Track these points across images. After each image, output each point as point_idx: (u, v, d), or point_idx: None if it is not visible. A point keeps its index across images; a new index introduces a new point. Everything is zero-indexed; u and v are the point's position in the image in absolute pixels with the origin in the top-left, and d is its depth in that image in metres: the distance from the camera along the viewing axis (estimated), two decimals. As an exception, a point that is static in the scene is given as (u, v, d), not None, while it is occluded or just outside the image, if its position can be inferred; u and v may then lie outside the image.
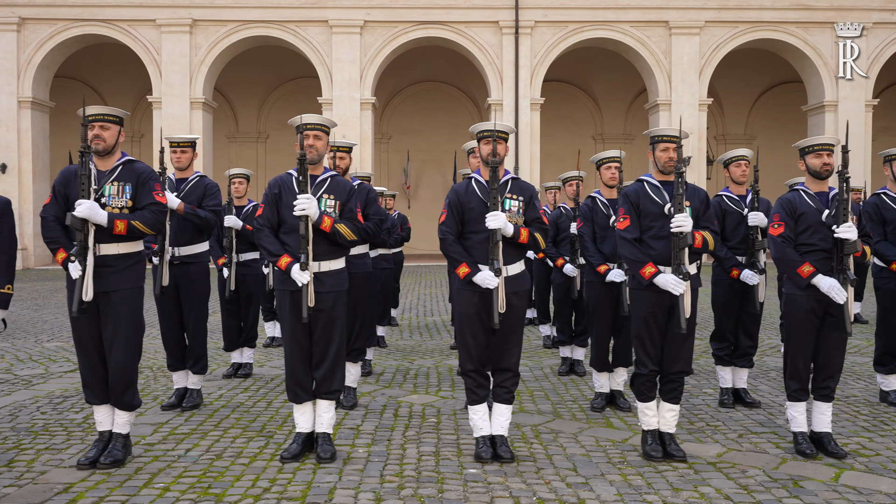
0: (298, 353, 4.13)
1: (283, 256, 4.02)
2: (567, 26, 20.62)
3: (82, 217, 3.80)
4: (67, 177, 4.07)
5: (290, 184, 4.16)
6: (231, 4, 20.10)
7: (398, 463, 4.08)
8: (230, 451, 4.30)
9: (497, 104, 20.72)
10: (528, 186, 4.26)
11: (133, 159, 4.18)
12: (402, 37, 20.60)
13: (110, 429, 4.13)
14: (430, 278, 17.09)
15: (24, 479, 3.83)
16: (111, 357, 4.01)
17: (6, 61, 19.85)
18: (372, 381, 6.26)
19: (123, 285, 4.00)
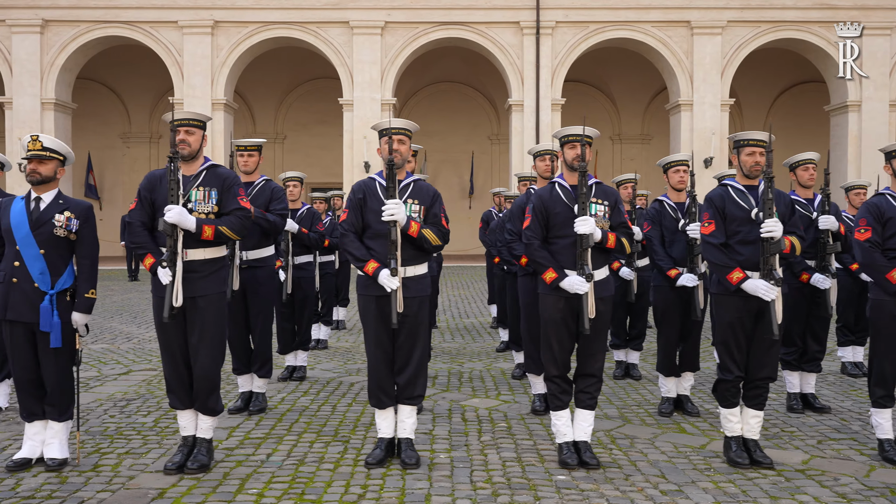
0: (383, 359, 4.12)
1: (370, 262, 4.01)
2: (588, 26, 20.57)
3: (172, 223, 3.80)
4: (152, 181, 4.06)
5: (375, 189, 4.15)
6: (252, 6, 20.13)
7: (484, 469, 4.07)
8: (311, 456, 4.29)
9: (517, 105, 20.70)
10: (612, 191, 4.24)
11: (216, 164, 4.18)
12: (422, 37, 20.59)
13: (194, 433, 4.12)
14: (457, 279, 17.07)
15: (114, 484, 3.83)
16: (196, 362, 4.00)
17: (29, 63, 19.92)
18: (428, 384, 6.24)
19: (209, 290, 4.00)
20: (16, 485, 3.81)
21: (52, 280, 4.01)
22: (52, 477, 3.93)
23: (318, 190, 27.53)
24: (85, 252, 4.12)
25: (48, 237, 4.00)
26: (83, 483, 3.85)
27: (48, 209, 4.05)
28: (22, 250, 3.98)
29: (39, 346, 4.04)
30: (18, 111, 20.05)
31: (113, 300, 12.98)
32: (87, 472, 4.01)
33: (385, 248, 4.02)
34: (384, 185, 4.13)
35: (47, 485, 3.82)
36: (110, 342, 8.50)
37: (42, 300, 3.97)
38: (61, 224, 4.02)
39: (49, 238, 4.00)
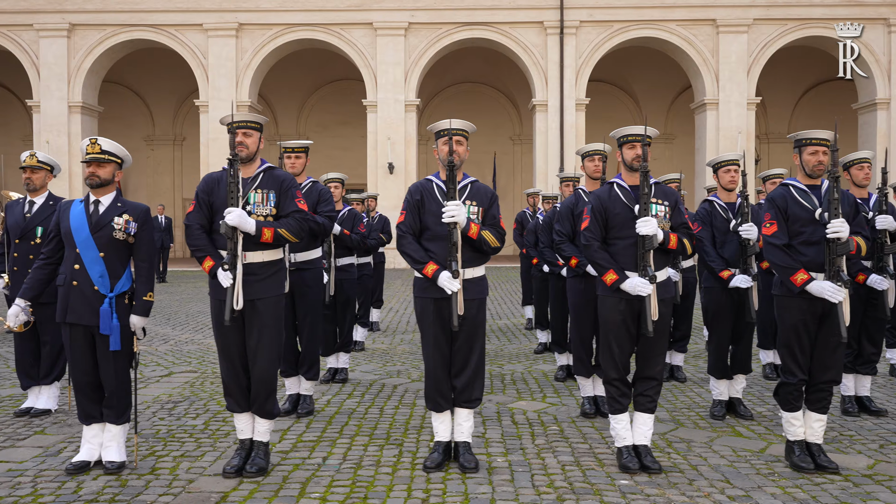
0: (440, 362, 4.09)
1: (429, 264, 3.97)
2: (612, 26, 20.47)
3: (233, 225, 3.79)
4: (210, 184, 4.06)
5: (432, 190, 4.12)
6: (276, 8, 20.22)
7: (543, 473, 4.02)
8: (367, 459, 4.27)
9: (541, 105, 20.63)
10: (672, 191, 4.18)
11: (272, 166, 4.17)
12: (445, 38, 20.59)
13: (251, 436, 4.11)
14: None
15: (174, 488, 3.82)
16: (255, 365, 3.99)
17: (57, 66, 20.14)
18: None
19: (268, 293, 3.99)
20: (77, 488, 3.82)
21: (112, 283, 4.02)
22: (112, 480, 3.93)
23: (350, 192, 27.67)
24: (143, 255, 4.13)
25: (108, 240, 4.01)
26: (143, 486, 3.85)
27: (107, 212, 4.06)
28: (82, 253, 3.99)
29: (98, 349, 4.05)
30: (46, 114, 20.28)
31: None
32: (146, 475, 4.01)
33: (443, 250, 3.99)
34: (441, 186, 4.10)
35: (108, 488, 3.82)
36: (147, 344, 8.54)
37: (102, 303, 3.98)
38: (120, 227, 4.03)
39: (108, 241, 4.01)
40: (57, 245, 4.12)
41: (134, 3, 20.07)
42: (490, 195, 4.18)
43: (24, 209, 5.36)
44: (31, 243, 5.30)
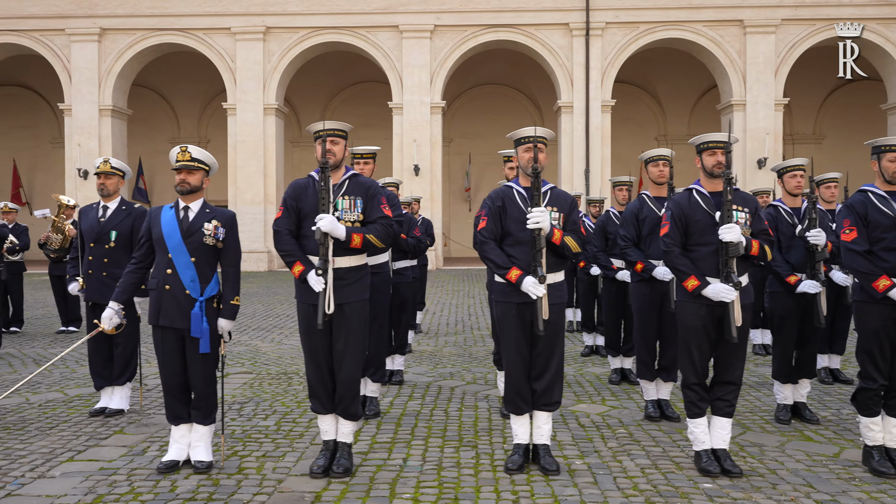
0: (521, 366, 4.15)
1: (513, 269, 4.04)
2: (638, 27, 20.46)
3: (325, 231, 3.88)
4: (297, 191, 4.14)
5: (513, 196, 4.19)
6: (303, 11, 20.37)
7: (624, 476, 4.08)
8: (447, 461, 4.34)
9: (567, 107, 20.65)
10: (751, 197, 4.22)
11: (357, 173, 4.25)
12: (471, 40, 20.65)
13: (334, 438, 4.20)
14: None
15: (265, 487, 3.91)
16: (342, 368, 4.07)
17: (88, 71, 20.38)
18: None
19: (355, 297, 4.07)
20: (172, 486, 3.92)
21: (202, 287, 4.12)
22: (204, 479, 4.02)
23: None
24: (230, 260, 4.23)
25: (198, 245, 4.11)
26: (235, 486, 3.94)
27: (197, 218, 4.16)
28: (174, 258, 4.09)
29: (188, 352, 4.15)
30: (77, 117, 20.52)
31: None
32: (235, 475, 4.10)
33: (526, 255, 4.05)
34: (522, 192, 4.17)
35: (202, 487, 3.91)
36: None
37: (192, 307, 4.08)
38: (210, 233, 4.13)
39: (199, 246, 4.11)
40: (148, 250, 4.23)
41: (163, 7, 20.28)
42: (570, 201, 4.24)
43: (98, 214, 5.49)
44: (105, 247, 5.42)
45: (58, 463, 4.31)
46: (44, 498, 3.78)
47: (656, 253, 5.26)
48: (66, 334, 9.56)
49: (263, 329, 9.90)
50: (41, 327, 10.26)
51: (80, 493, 3.82)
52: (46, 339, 9.18)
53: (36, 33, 20.50)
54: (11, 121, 26.08)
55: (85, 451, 4.55)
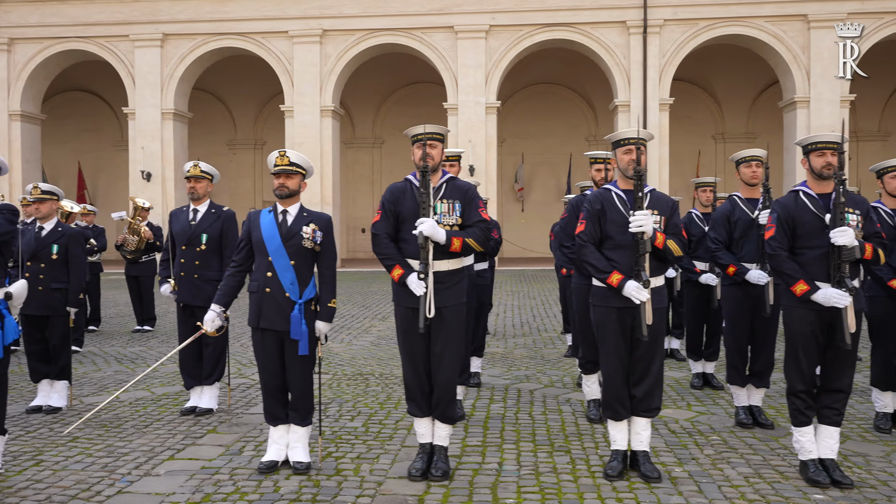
0: (621, 370, 4.09)
1: (614, 273, 3.98)
2: (697, 24, 20.07)
3: (427, 235, 3.88)
4: (395, 194, 4.16)
5: (612, 199, 4.13)
6: (359, 14, 20.55)
7: (729, 485, 3.98)
8: (542, 466, 4.30)
9: (624, 106, 20.38)
10: (862, 199, 4.08)
11: (453, 176, 4.24)
12: (526, 40, 20.55)
13: (431, 441, 4.20)
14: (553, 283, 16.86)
15: (366, 489, 3.93)
16: (439, 372, 4.07)
17: (151, 75, 20.92)
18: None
19: (453, 301, 4.07)
20: (276, 487, 3.97)
21: (300, 290, 4.17)
22: (305, 480, 4.07)
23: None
24: (327, 263, 4.27)
25: (297, 249, 4.16)
26: (336, 487, 3.98)
27: (296, 222, 4.21)
28: (274, 262, 4.15)
29: (287, 354, 4.20)
30: (140, 121, 21.09)
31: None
32: (334, 476, 4.14)
33: (626, 259, 3.99)
34: (622, 195, 4.11)
35: (305, 488, 3.96)
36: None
37: (292, 309, 4.13)
38: (308, 236, 4.17)
39: (298, 249, 4.16)
40: (247, 254, 4.30)
41: (223, 12, 20.69)
42: (671, 204, 4.16)
43: (189, 217, 5.61)
44: (196, 250, 5.53)
45: (160, 461, 4.42)
46: (153, 496, 3.87)
47: (749, 256, 5.14)
48: (141, 333, 9.83)
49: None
50: (116, 326, 10.56)
51: (187, 492, 3.90)
52: (123, 338, 9.44)
53: (101, 39, 21.14)
54: (76, 124, 26.97)
55: (183, 449, 4.65)
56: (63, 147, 26.58)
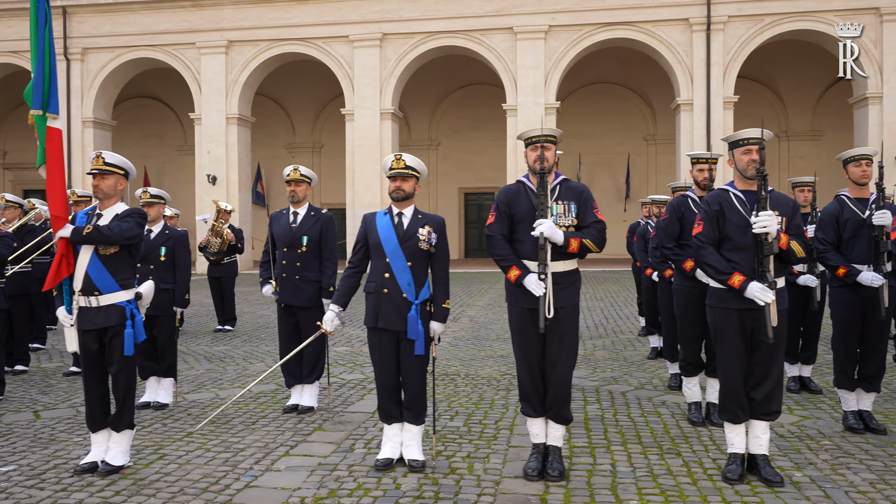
0: (740, 373, 4.05)
1: (735, 274, 3.94)
2: (762, 20, 19.65)
3: (547, 235, 3.91)
4: (509, 196, 4.20)
5: (731, 200, 4.09)
6: (418, 17, 20.71)
7: (855, 491, 3.89)
8: (657, 468, 4.28)
9: (686, 104, 20.08)
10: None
11: (566, 178, 4.26)
12: (586, 39, 20.42)
13: (544, 441, 4.22)
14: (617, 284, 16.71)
15: (485, 488, 3.98)
16: (555, 372, 4.10)
17: (216, 81, 21.46)
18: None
19: (569, 302, 4.09)
20: (397, 485, 4.04)
21: (417, 291, 4.24)
22: (423, 478, 4.14)
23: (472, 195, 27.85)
24: (441, 264, 4.34)
25: (414, 250, 4.24)
26: (455, 485, 4.03)
27: (411, 224, 4.29)
28: (391, 263, 4.23)
29: (402, 354, 4.28)
30: (206, 126, 21.65)
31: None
32: (450, 475, 4.19)
33: (747, 261, 3.96)
34: (741, 196, 4.07)
35: (425, 485, 4.02)
36: (346, 344, 8.94)
37: (409, 310, 4.20)
38: (424, 238, 4.25)
39: (415, 251, 4.24)
40: (364, 255, 4.39)
41: (285, 18, 21.10)
42: (791, 204, 4.10)
43: (290, 220, 5.75)
44: (297, 252, 5.66)
45: (277, 457, 4.54)
46: (280, 490, 3.98)
47: (860, 257, 5.02)
48: (222, 332, 10.09)
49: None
50: (197, 326, 10.87)
51: (312, 487, 4.01)
52: (207, 338, 9.71)
53: (169, 47, 21.78)
54: (142, 130, 27.84)
55: (296, 446, 4.78)
56: (129, 152, 27.37)
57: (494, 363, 7.70)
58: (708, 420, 5.22)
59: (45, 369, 7.65)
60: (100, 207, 4.42)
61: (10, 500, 3.87)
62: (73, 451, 4.69)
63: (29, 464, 4.45)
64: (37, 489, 4.01)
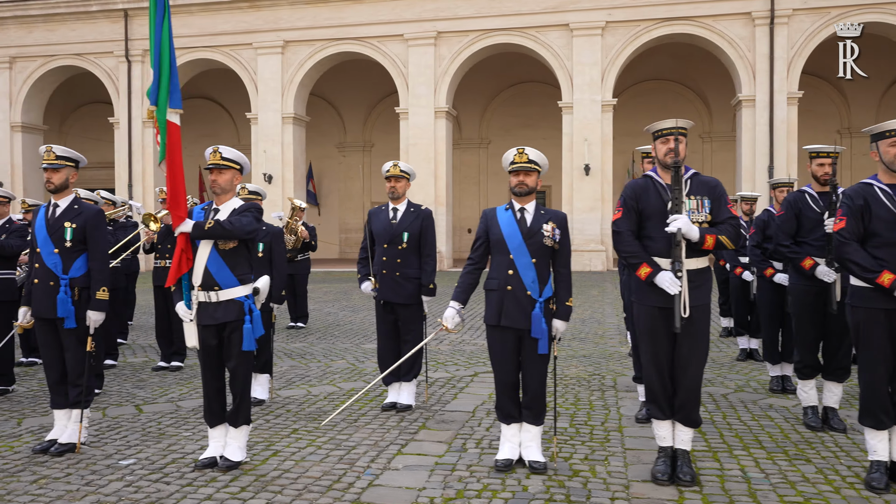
0: (886, 376, 3.86)
1: (885, 273, 3.75)
2: (829, 12, 19.06)
3: (683, 232, 3.78)
4: (637, 191, 4.07)
5: (877, 195, 3.90)
6: (473, 15, 20.61)
7: None
8: (791, 474, 4.11)
9: (748, 100, 19.60)
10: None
11: (697, 172, 4.12)
12: (643, 35, 20.08)
13: (671, 445, 4.08)
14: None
15: (615, 492, 3.86)
16: (686, 373, 3.96)
17: (272, 81, 21.67)
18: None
19: (701, 300, 3.94)
20: (523, 486, 3.95)
21: (540, 288, 4.14)
22: (548, 480, 4.03)
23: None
24: (564, 261, 4.23)
25: (538, 246, 4.14)
26: (583, 487, 3.92)
27: (535, 220, 4.19)
28: (515, 259, 4.14)
29: (525, 353, 4.18)
30: (263, 125, 21.88)
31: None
32: (574, 477, 4.08)
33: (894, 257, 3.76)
34: (888, 190, 3.88)
35: (552, 488, 3.92)
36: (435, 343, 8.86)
37: (533, 307, 4.10)
38: (549, 234, 4.14)
39: (539, 247, 4.14)
40: (484, 251, 4.31)
41: (340, 18, 21.20)
42: None
43: (389, 216, 5.70)
44: (397, 248, 5.61)
45: (391, 455, 4.48)
46: (404, 490, 3.92)
47: None
48: (295, 329, 10.13)
49: (474, 328, 10.02)
50: (268, 322, 10.93)
51: (437, 487, 3.93)
52: (281, 335, 9.73)
53: (226, 48, 22.06)
54: (196, 130, 28.22)
55: (406, 445, 4.71)
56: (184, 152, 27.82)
57: (579, 363, 7.55)
58: (826, 425, 5.01)
59: (133, 364, 7.75)
60: (216, 202, 4.42)
61: (139, 493, 3.88)
62: (187, 446, 4.71)
63: (147, 457, 4.47)
64: (162, 483, 4.02)
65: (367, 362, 7.69)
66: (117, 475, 4.15)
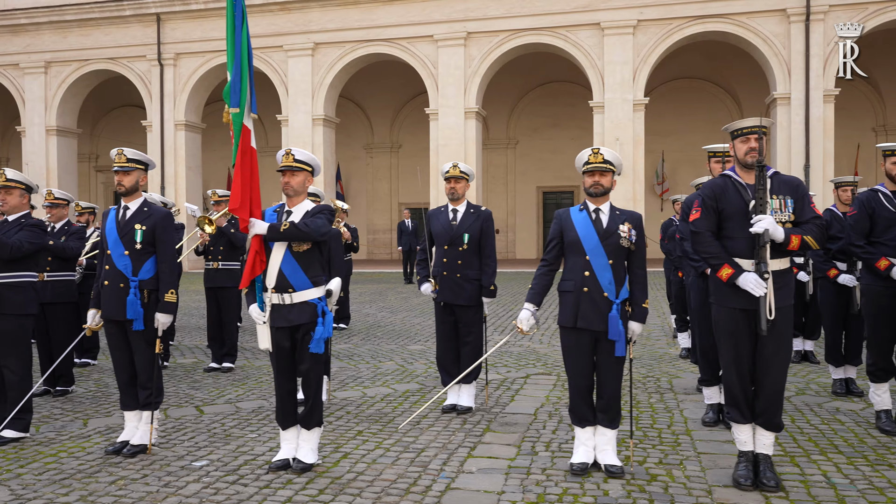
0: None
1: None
2: (867, 8, 18.73)
3: (767, 232, 3.71)
4: (716, 190, 4.01)
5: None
6: (503, 15, 20.54)
7: None
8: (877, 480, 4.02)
9: (783, 98, 19.32)
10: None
11: (777, 171, 4.05)
12: (676, 33, 19.87)
13: (752, 449, 4.01)
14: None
15: (699, 498, 3.80)
16: (768, 376, 3.89)
17: (302, 83, 21.77)
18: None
19: (785, 302, 3.88)
20: (604, 491, 3.90)
21: (617, 289, 4.09)
22: (627, 485, 3.98)
23: (551, 194, 27.55)
24: (640, 262, 4.17)
25: (615, 247, 4.09)
26: (664, 492, 3.87)
27: (611, 220, 4.15)
28: (592, 260, 4.09)
29: (599, 355, 4.14)
30: (293, 127, 21.98)
31: (415, 300, 13.66)
32: (652, 482, 4.02)
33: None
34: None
35: (633, 492, 3.86)
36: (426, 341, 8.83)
37: (610, 309, 4.06)
38: (625, 235, 4.09)
39: (616, 248, 4.09)
40: (558, 253, 4.27)
41: (370, 19, 21.23)
42: None
43: (449, 217, 5.67)
44: (458, 249, 5.58)
45: (461, 458, 4.46)
46: (483, 493, 3.89)
47: None
48: (337, 331, 10.14)
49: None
50: (308, 324, 10.96)
51: (517, 491, 3.90)
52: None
53: (257, 51, 22.13)
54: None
55: (475, 447, 4.68)
56: (214, 154, 28.12)
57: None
58: (902, 429, 4.91)
59: (184, 365, 7.80)
60: (289, 204, 4.42)
61: (219, 494, 3.89)
62: (255, 448, 4.72)
63: (219, 458, 4.49)
64: (240, 485, 4.02)
65: (416, 364, 7.68)
66: (193, 476, 4.17)
